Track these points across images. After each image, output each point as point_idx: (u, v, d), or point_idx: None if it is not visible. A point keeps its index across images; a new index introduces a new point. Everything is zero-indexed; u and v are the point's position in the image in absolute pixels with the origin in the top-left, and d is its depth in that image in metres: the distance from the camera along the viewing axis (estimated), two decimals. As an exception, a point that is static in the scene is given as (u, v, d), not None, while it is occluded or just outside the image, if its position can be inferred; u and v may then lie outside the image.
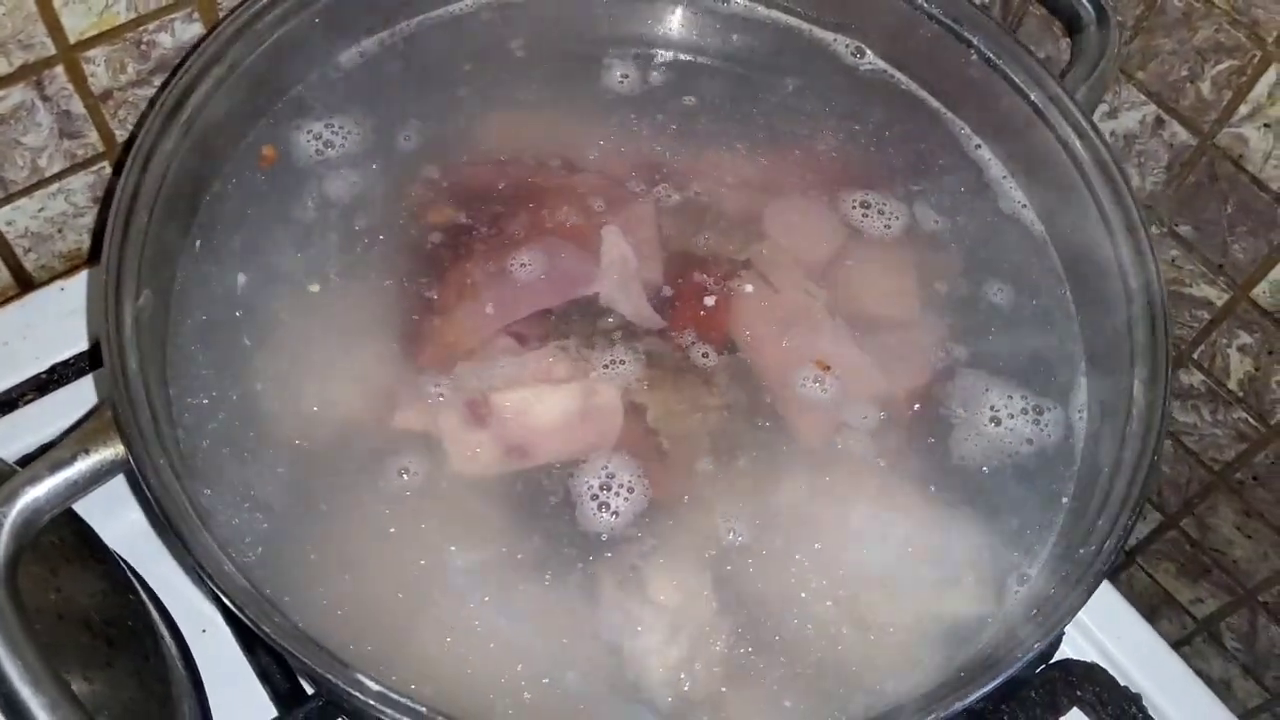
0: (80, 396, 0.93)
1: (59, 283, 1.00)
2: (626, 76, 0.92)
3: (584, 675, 0.71)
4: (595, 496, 0.75)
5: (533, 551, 0.74)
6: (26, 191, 0.94)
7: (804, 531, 0.76)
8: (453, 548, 0.73)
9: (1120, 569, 1.21)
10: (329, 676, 0.62)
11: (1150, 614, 1.19)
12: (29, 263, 0.99)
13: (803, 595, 0.74)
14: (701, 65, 0.94)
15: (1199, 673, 0.95)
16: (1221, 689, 1.16)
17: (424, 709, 0.62)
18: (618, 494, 0.75)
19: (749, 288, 0.84)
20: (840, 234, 0.87)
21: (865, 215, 0.88)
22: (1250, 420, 1.02)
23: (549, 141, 0.89)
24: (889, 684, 0.72)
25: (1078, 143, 0.84)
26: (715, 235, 0.86)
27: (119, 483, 0.85)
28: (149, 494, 0.64)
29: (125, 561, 0.82)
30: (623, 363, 0.80)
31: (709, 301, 0.83)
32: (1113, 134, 0.98)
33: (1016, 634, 0.69)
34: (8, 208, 0.94)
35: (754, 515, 0.76)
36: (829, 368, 0.80)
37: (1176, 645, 1.18)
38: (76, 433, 0.66)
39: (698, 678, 0.72)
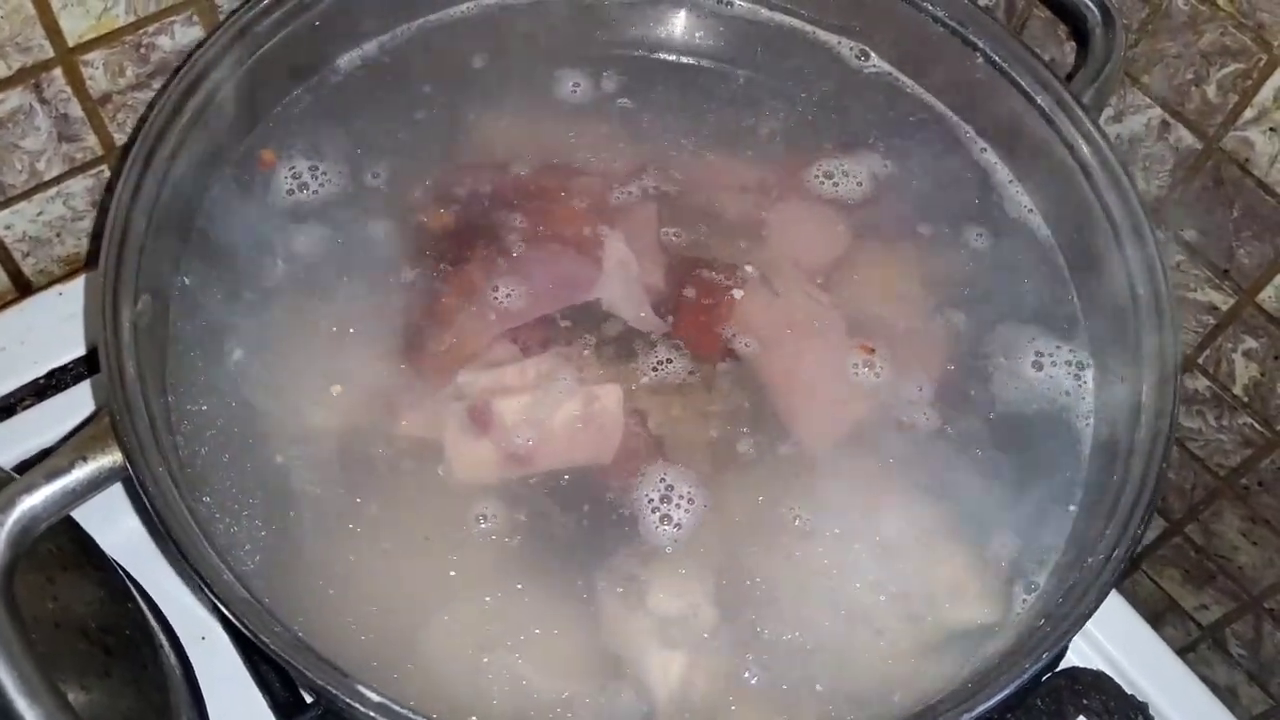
0: (78, 402, 0.92)
1: (57, 287, 0.99)
2: (624, 79, 0.92)
3: (590, 684, 0.71)
4: (599, 505, 0.75)
5: (535, 561, 0.73)
6: (25, 195, 0.93)
7: (807, 540, 0.75)
8: (453, 555, 0.73)
9: (1124, 576, 1.20)
10: (329, 687, 0.61)
11: (1155, 621, 1.18)
12: (27, 267, 0.98)
13: (809, 604, 0.74)
14: (704, 69, 0.94)
15: (1204, 680, 0.95)
16: (1227, 696, 1.16)
17: (426, 720, 0.61)
18: (625, 502, 0.75)
19: (751, 291, 0.83)
20: (842, 237, 0.87)
21: (866, 216, 0.87)
22: (1256, 426, 1.01)
23: (550, 146, 0.88)
24: (896, 695, 0.71)
25: (1084, 147, 0.84)
26: (717, 239, 0.86)
27: (118, 490, 0.84)
28: (147, 502, 0.64)
29: (124, 569, 0.81)
30: (625, 368, 0.79)
31: (711, 305, 0.82)
32: (1118, 138, 0.98)
33: (1024, 643, 0.69)
34: (6, 211, 0.93)
35: (756, 523, 0.76)
36: (873, 350, 0.78)
37: (1181, 652, 1.17)
38: (74, 440, 0.65)
39: (702, 688, 0.71)
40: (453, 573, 0.73)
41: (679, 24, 0.96)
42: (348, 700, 0.61)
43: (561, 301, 0.81)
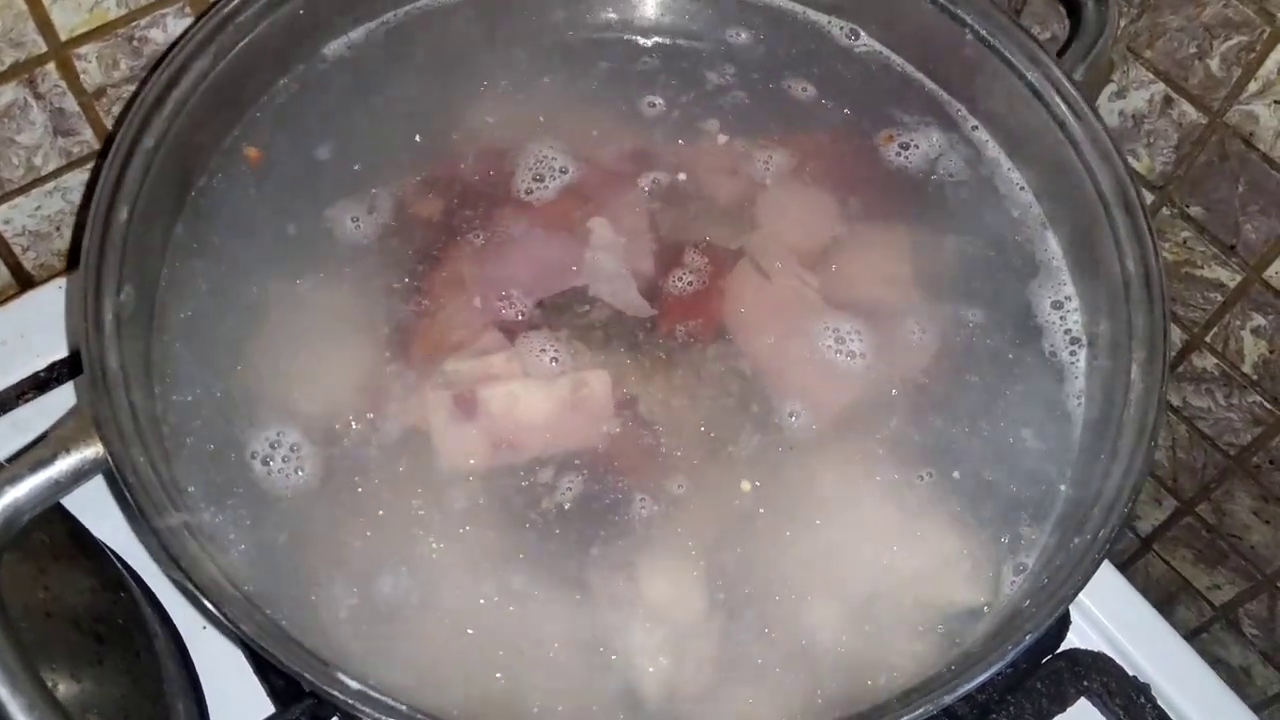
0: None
1: (58, 281, 1.00)
2: (615, 63, 0.91)
3: (579, 671, 0.71)
4: (588, 490, 0.75)
5: (523, 549, 0.73)
6: (23, 190, 0.94)
7: (797, 523, 0.75)
8: (440, 543, 0.73)
9: (1136, 557, 1.19)
10: (308, 675, 0.62)
11: (1167, 601, 1.17)
12: (27, 261, 0.99)
13: (798, 587, 0.74)
14: (693, 49, 0.93)
15: (1218, 660, 0.94)
16: (1240, 676, 1.15)
17: (404, 707, 0.62)
18: (606, 490, 0.75)
19: (740, 274, 0.83)
20: (834, 221, 0.86)
21: (857, 198, 0.87)
22: (1265, 403, 1.00)
23: (538, 131, 0.88)
24: (883, 678, 0.71)
25: (1075, 123, 0.83)
26: (707, 223, 0.85)
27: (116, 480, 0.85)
28: (126, 492, 0.64)
29: (122, 559, 0.82)
30: (613, 353, 0.79)
31: (700, 290, 0.82)
32: (1121, 114, 0.97)
33: (1010, 625, 0.68)
34: (5, 206, 0.94)
35: (746, 507, 0.75)
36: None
37: (1194, 633, 1.16)
38: (57, 432, 0.66)
39: (690, 672, 0.71)
40: (439, 560, 0.73)
41: (666, 5, 0.95)
42: (326, 688, 0.61)
43: (548, 288, 0.81)
